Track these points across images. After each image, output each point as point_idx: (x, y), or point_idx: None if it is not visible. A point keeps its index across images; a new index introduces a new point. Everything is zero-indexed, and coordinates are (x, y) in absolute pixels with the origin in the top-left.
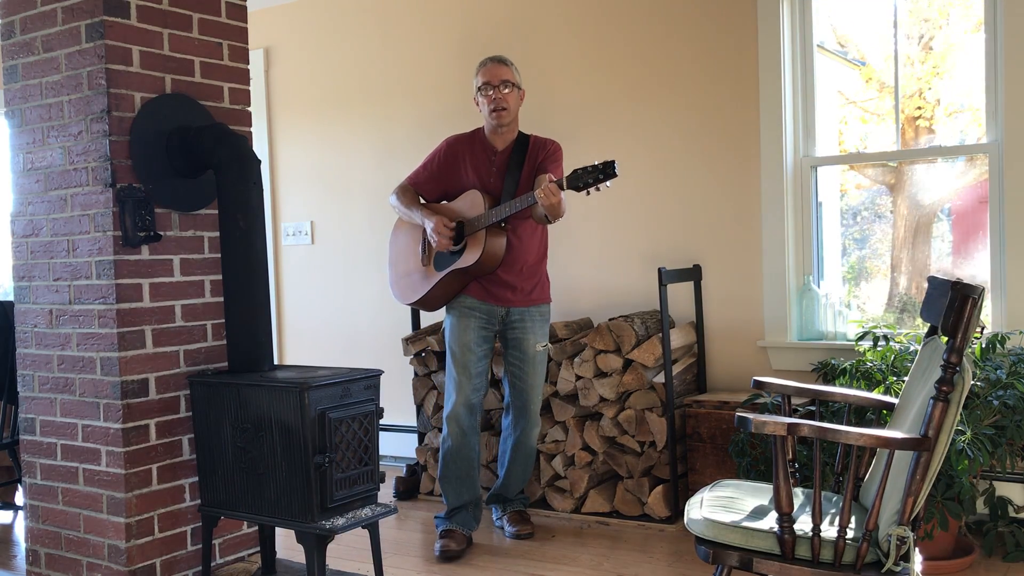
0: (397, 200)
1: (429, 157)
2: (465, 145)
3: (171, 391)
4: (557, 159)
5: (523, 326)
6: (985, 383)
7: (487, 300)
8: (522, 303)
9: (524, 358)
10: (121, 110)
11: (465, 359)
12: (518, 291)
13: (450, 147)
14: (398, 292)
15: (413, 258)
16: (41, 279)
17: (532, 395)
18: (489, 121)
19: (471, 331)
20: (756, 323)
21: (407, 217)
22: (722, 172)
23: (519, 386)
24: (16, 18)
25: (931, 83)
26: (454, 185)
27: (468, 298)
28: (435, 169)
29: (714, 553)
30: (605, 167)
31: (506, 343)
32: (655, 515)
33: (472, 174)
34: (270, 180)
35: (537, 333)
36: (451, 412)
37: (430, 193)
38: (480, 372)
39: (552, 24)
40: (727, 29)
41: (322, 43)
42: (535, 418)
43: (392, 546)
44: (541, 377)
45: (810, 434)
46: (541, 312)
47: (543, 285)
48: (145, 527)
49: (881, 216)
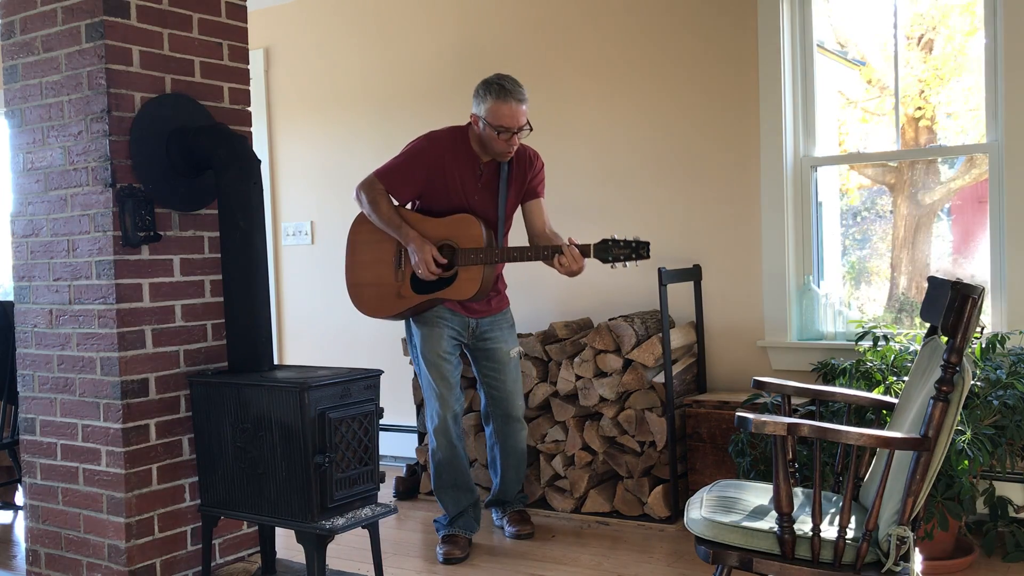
0: (370, 207)
1: (406, 158)
2: (448, 151)
3: (171, 391)
4: (542, 178)
5: (494, 335)
6: (985, 383)
7: (459, 312)
8: (491, 312)
9: (499, 367)
10: (121, 110)
11: (443, 369)
12: (486, 302)
13: (433, 151)
14: (362, 303)
15: (385, 269)
16: (41, 279)
17: (513, 401)
18: (491, 154)
19: (444, 340)
20: (756, 323)
21: (385, 228)
22: (722, 172)
23: (496, 395)
24: (16, 18)
25: (931, 83)
26: (432, 192)
27: (441, 308)
28: (414, 174)
29: (714, 553)
30: (638, 247)
31: (477, 355)
32: (655, 515)
33: (458, 185)
34: (270, 180)
35: (509, 340)
36: (439, 426)
37: (403, 197)
38: (457, 380)
39: (552, 24)
40: (727, 29)
41: (322, 43)
42: (520, 422)
43: (392, 546)
44: (519, 382)
45: (810, 434)
46: (507, 319)
47: (503, 294)
48: (145, 527)
49: (881, 216)
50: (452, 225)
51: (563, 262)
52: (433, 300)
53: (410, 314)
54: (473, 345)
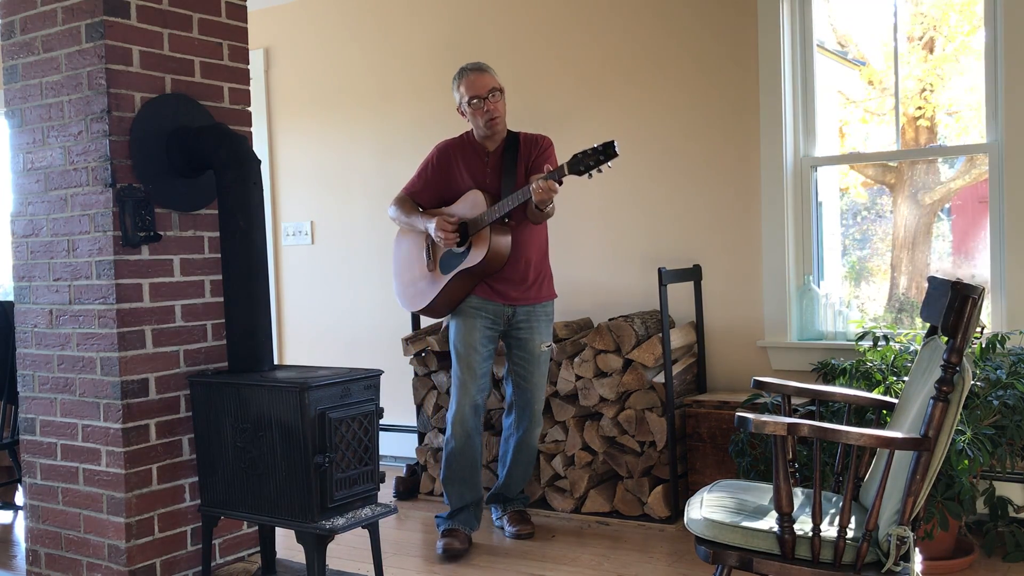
0: (396, 211)
1: (422, 166)
2: (456, 149)
3: (171, 391)
4: (550, 154)
5: (529, 326)
6: (985, 383)
7: (493, 299)
8: (529, 300)
9: (529, 358)
10: (121, 110)
11: (470, 359)
12: (524, 288)
13: (441, 153)
14: (406, 301)
15: (418, 265)
16: (41, 279)
17: (536, 394)
18: (483, 131)
19: (476, 331)
20: (756, 323)
21: (408, 225)
22: (722, 172)
23: (523, 386)
24: (16, 18)
25: (931, 83)
26: (450, 190)
27: (474, 298)
28: (429, 176)
29: (714, 553)
30: (605, 148)
31: (511, 343)
32: (655, 515)
33: (467, 177)
34: (270, 180)
35: (542, 333)
36: (456, 414)
37: (427, 201)
38: (485, 372)
39: (552, 23)
40: (727, 29)
41: (322, 43)
42: (538, 417)
43: (392, 546)
44: (544, 377)
45: (810, 434)
46: (546, 311)
47: (548, 280)
48: (145, 527)
49: (881, 216)
50: (462, 204)
51: (536, 189)
52: (462, 280)
53: (449, 304)
54: (508, 333)
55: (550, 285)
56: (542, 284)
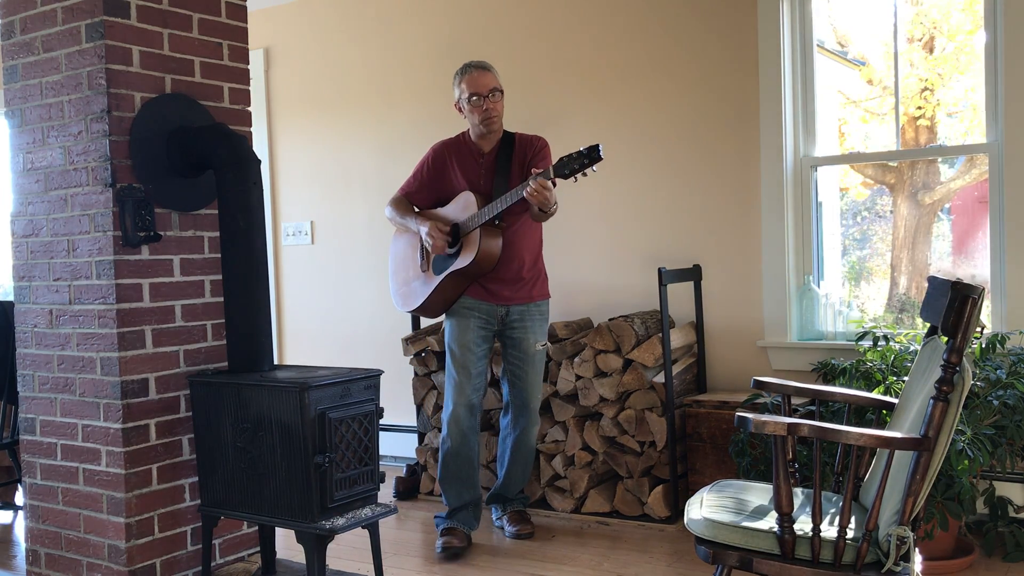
0: (392, 211)
1: (418, 166)
2: (451, 150)
3: (171, 391)
4: (545, 155)
5: (523, 325)
6: (985, 383)
7: (486, 299)
8: (522, 300)
9: (524, 357)
10: (121, 110)
11: (465, 359)
12: (517, 287)
13: (437, 154)
14: (400, 300)
15: (412, 265)
16: (41, 279)
17: (532, 393)
18: (479, 129)
19: (471, 331)
20: (756, 323)
21: (403, 226)
22: (722, 172)
23: (519, 385)
24: (16, 18)
25: (931, 83)
26: (445, 191)
27: (468, 298)
28: (425, 177)
29: (714, 553)
30: (590, 152)
31: (506, 342)
32: (655, 515)
33: (462, 178)
34: (270, 180)
35: (537, 332)
36: (451, 413)
37: (423, 201)
38: (480, 372)
39: (552, 24)
40: (727, 29)
41: (322, 43)
42: (535, 416)
43: (392, 546)
44: (540, 375)
45: (810, 434)
46: (541, 311)
47: (543, 280)
48: (145, 527)
49: (881, 216)
50: (454, 206)
51: (530, 192)
52: (454, 281)
53: (442, 303)
54: (502, 332)
55: (544, 284)
56: (536, 283)
